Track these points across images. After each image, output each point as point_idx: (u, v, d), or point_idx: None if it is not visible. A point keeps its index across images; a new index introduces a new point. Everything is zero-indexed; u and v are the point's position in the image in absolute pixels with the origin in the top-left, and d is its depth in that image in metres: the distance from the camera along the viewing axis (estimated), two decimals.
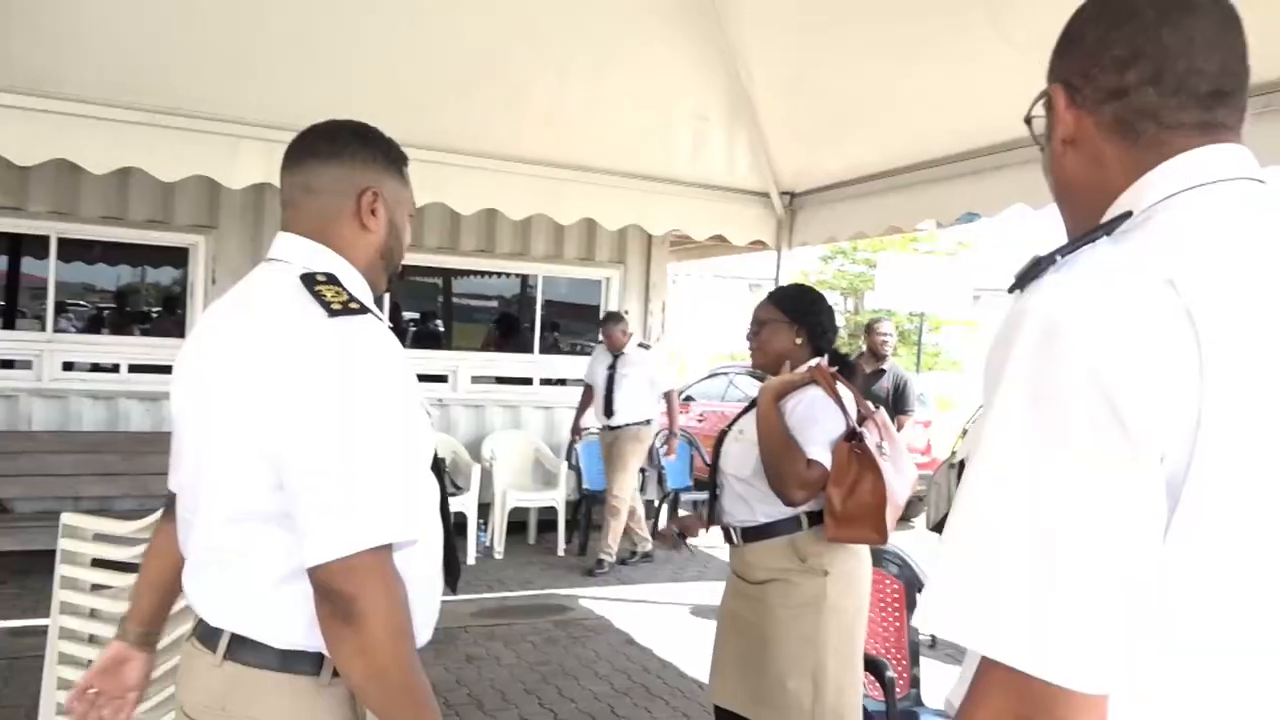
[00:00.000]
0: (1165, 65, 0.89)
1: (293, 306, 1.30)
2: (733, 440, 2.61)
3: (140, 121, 3.77)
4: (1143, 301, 0.78)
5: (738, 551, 2.61)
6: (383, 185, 1.45)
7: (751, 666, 2.50)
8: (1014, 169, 3.65)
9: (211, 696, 1.33)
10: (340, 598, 1.21)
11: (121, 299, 7.36)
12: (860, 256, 19.67)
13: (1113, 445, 0.74)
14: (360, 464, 1.23)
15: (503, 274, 7.77)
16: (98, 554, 2.67)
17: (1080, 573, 0.74)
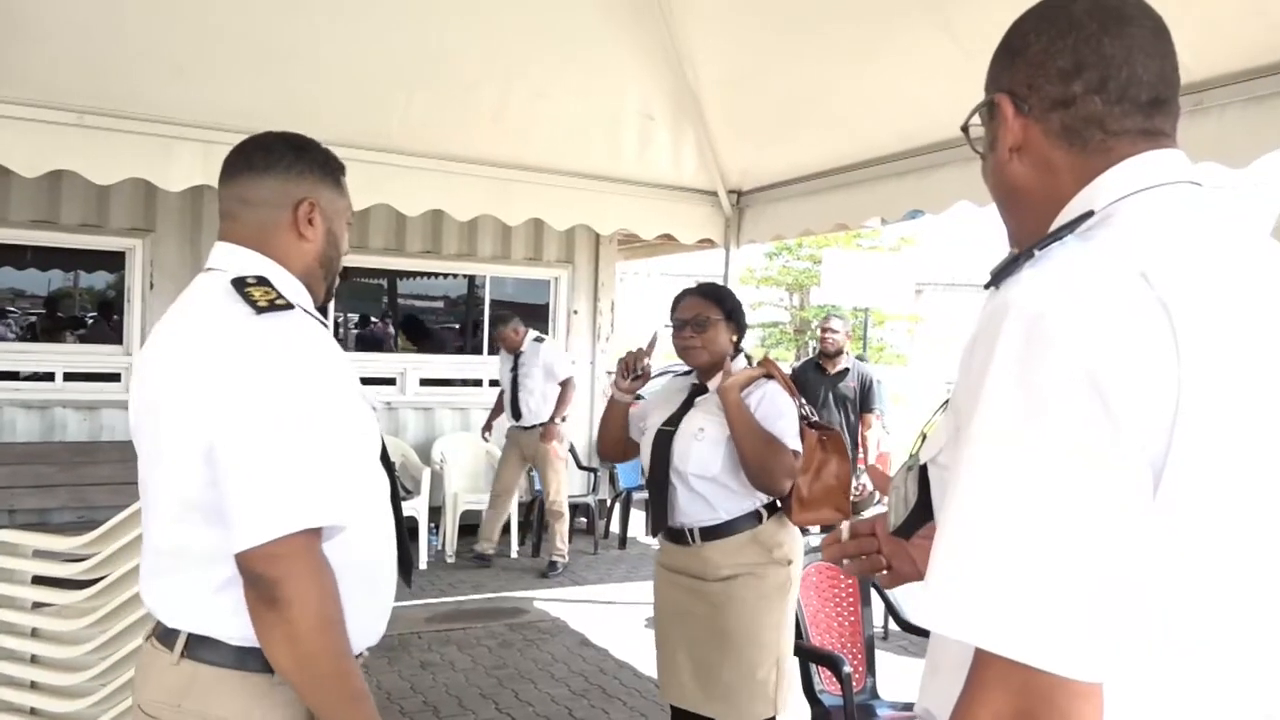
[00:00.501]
0: (1109, 74, 0.93)
1: (223, 308, 1.35)
2: (690, 440, 2.59)
3: (71, 123, 3.65)
4: (1120, 294, 0.80)
5: (693, 551, 2.59)
6: (319, 195, 1.50)
7: (715, 664, 2.51)
8: (958, 166, 3.71)
9: (168, 694, 1.35)
10: (264, 583, 1.24)
11: (53, 305, 7.15)
12: (804, 253, 19.81)
13: (1102, 437, 0.76)
14: (282, 451, 1.27)
15: (450, 275, 7.69)
16: (39, 571, 2.59)
17: (1075, 565, 0.76)
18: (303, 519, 1.26)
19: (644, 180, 4.86)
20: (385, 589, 1.52)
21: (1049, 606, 0.76)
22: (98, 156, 3.74)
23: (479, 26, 3.77)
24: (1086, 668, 0.76)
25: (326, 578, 1.28)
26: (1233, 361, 0.81)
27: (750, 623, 2.51)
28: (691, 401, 2.69)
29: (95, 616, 2.39)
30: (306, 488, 1.27)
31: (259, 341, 1.31)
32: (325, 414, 1.32)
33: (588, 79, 4.15)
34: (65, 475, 5.57)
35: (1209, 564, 0.81)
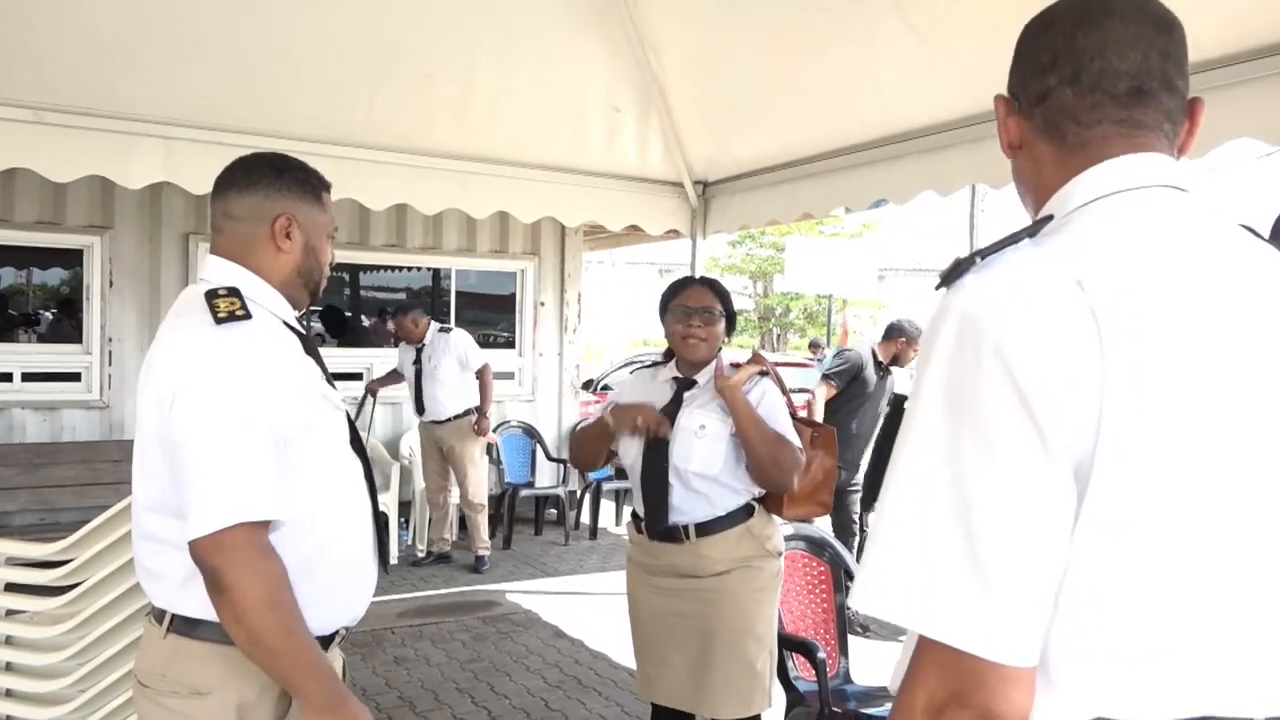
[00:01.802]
0: (1081, 66, 0.95)
1: (192, 317, 1.49)
2: (692, 438, 2.51)
3: (25, 120, 3.57)
4: (1051, 300, 0.83)
5: (686, 548, 2.54)
6: (297, 211, 1.63)
7: (711, 661, 2.48)
8: (921, 156, 3.76)
9: (155, 664, 1.52)
10: (209, 571, 1.39)
11: (4, 302, 6.99)
12: (768, 240, 19.94)
13: (1023, 435, 0.80)
14: (224, 452, 1.40)
15: (414, 268, 7.64)
16: (11, 579, 2.55)
17: (1002, 557, 0.80)
18: (239, 513, 1.39)
19: (610, 172, 4.86)
20: (361, 569, 1.65)
21: (975, 594, 0.80)
22: (55, 154, 3.67)
23: (442, 19, 3.75)
24: (1013, 653, 0.80)
25: (268, 564, 1.41)
26: (1162, 369, 0.83)
27: (746, 616, 2.50)
28: (680, 397, 2.62)
29: (72, 623, 2.37)
30: (245, 485, 1.40)
31: (213, 350, 1.45)
32: (272, 416, 1.45)
33: (552, 71, 4.15)
34: (25, 478, 5.48)
35: (1147, 560, 0.84)
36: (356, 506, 1.64)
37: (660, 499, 2.55)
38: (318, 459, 1.55)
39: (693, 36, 4.01)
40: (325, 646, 1.58)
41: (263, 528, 1.42)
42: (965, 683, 0.81)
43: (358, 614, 1.67)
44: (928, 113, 3.64)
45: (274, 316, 1.59)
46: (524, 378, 7.58)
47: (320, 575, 1.54)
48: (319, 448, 1.55)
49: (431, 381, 6.11)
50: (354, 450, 1.66)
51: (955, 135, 3.55)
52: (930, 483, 0.83)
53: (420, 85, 4.05)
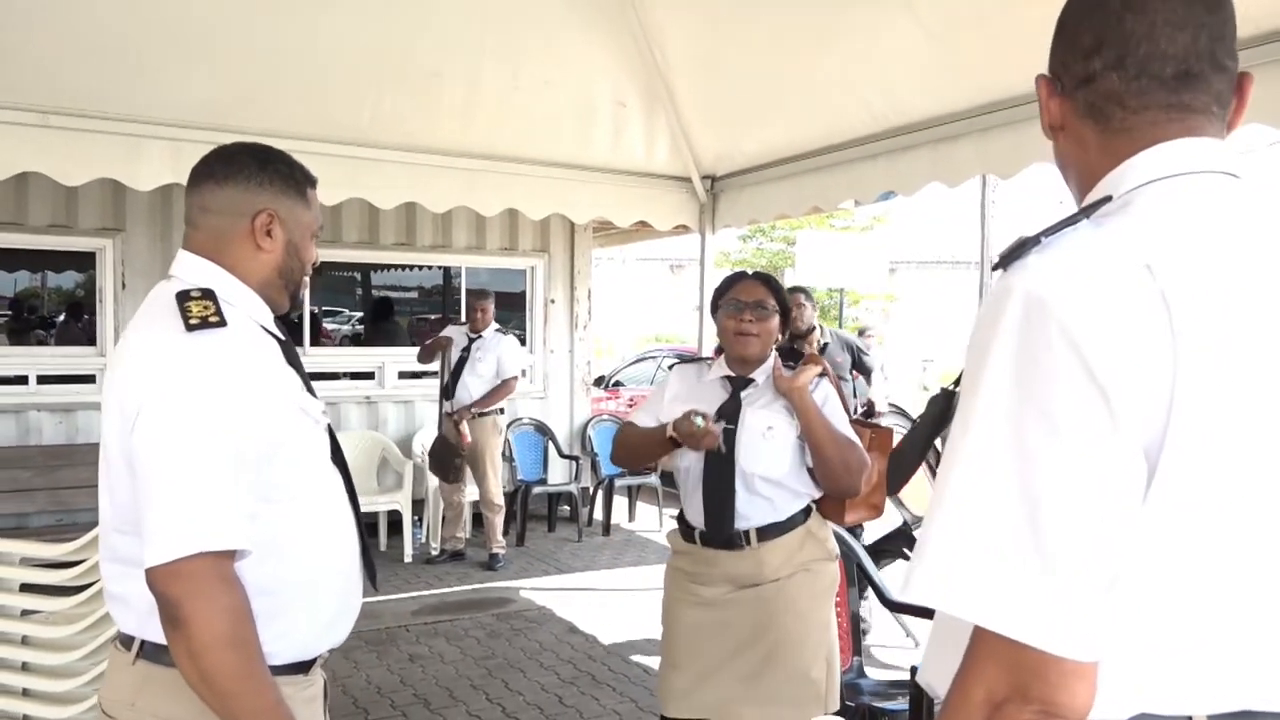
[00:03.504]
0: (1127, 51, 0.93)
1: (161, 321, 1.38)
2: (759, 439, 2.41)
3: (37, 124, 3.61)
4: (1122, 283, 0.81)
5: (748, 555, 2.42)
6: (279, 206, 1.50)
7: (765, 669, 2.40)
8: (929, 148, 3.75)
9: (123, 693, 1.41)
10: (165, 601, 1.27)
11: (19, 306, 7.06)
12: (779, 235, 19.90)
13: (1094, 417, 0.78)
14: (187, 475, 1.29)
15: (425, 266, 7.66)
16: (26, 579, 2.58)
17: (1068, 543, 0.78)
18: (201, 542, 1.27)
19: (618, 168, 4.87)
20: (346, 589, 1.55)
21: (1039, 583, 0.78)
22: (65, 158, 3.70)
23: (448, 19, 3.77)
24: (1077, 646, 0.78)
25: (230, 598, 1.30)
26: (1232, 356, 0.81)
27: (804, 624, 2.41)
28: (737, 396, 2.50)
29: (85, 623, 2.40)
30: (209, 511, 1.29)
31: (182, 361, 1.34)
32: (244, 435, 1.34)
33: (558, 68, 4.16)
34: (42, 479, 5.52)
35: (1204, 549, 0.83)
36: (339, 523, 1.54)
37: (725, 505, 2.43)
38: (295, 476, 1.44)
39: (698, 31, 4.00)
40: (307, 670, 1.51)
41: (227, 557, 1.31)
42: (1026, 677, 0.79)
43: (343, 635, 1.56)
44: (934, 104, 3.63)
45: (251, 321, 1.48)
46: (535, 375, 7.59)
47: (305, 598, 1.45)
48: (297, 464, 1.45)
49: (470, 374, 6.11)
50: (335, 464, 1.56)
51: (962, 126, 3.54)
52: (994, 468, 0.81)
53: (427, 84, 4.07)
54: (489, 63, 4.04)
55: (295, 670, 1.47)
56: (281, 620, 1.40)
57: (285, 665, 1.43)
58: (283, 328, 1.58)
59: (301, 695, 1.48)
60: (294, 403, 1.47)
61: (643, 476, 7.48)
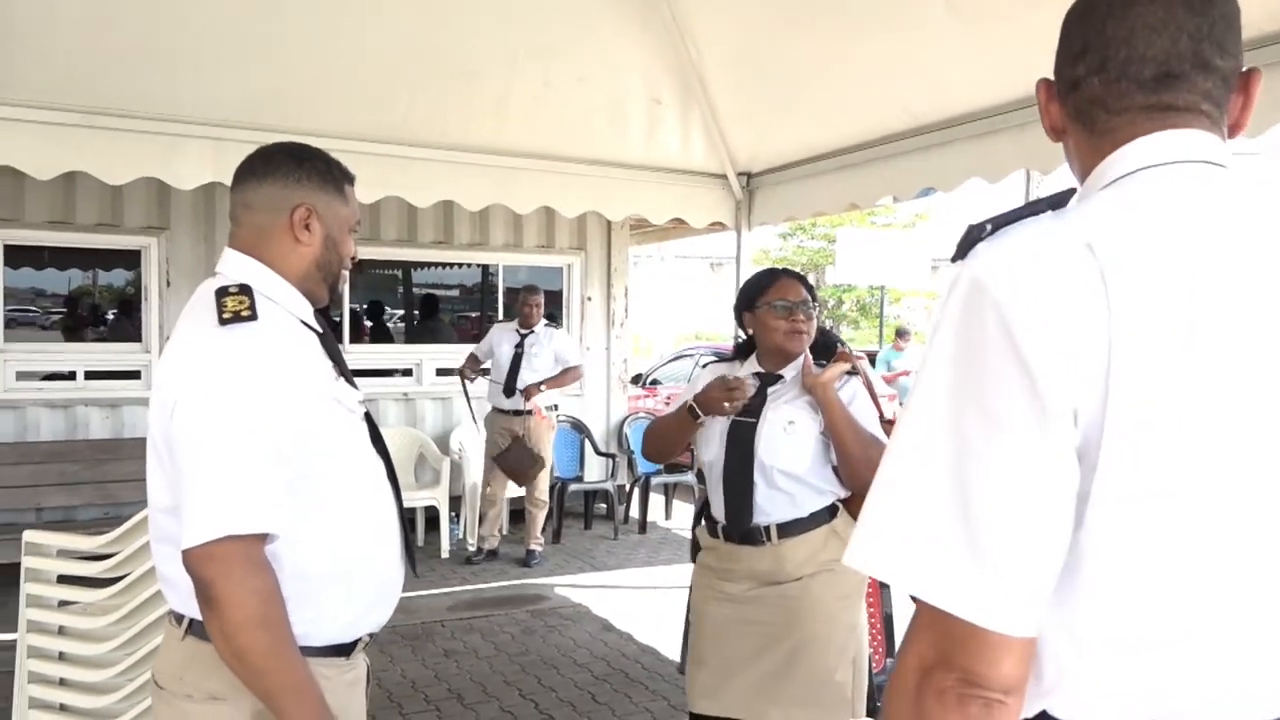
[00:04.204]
0: (1107, 55, 0.94)
1: (200, 316, 1.45)
2: (779, 433, 2.41)
3: (80, 124, 3.67)
4: (1059, 262, 0.82)
5: (768, 551, 2.42)
6: (316, 202, 1.57)
7: (788, 670, 2.38)
8: (967, 143, 3.68)
9: (172, 666, 1.49)
10: (200, 582, 1.35)
11: (73, 304, 7.21)
12: (819, 233, 19.77)
13: (1023, 409, 0.79)
14: (218, 461, 1.36)
15: (463, 264, 7.71)
16: (63, 570, 2.63)
17: (995, 534, 0.80)
18: (231, 525, 1.34)
19: (652, 165, 4.85)
20: (386, 574, 1.59)
21: (965, 556, 0.80)
22: (108, 157, 3.76)
23: (481, 17, 3.77)
24: (998, 619, 0.79)
25: (259, 580, 1.36)
26: (1182, 340, 0.80)
27: (827, 624, 2.39)
28: (764, 391, 2.50)
29: (119, 614, 2.44)
30: (239, 496, 1.35)
31: (215, 354, 1.41)
32: (275, 424, 1.39)
33: (592, 65, 4.15)
34: (90, 473, 5.65)
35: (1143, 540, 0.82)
36: (378, 510, 1.58)
37: (743, 497, 2.43)
38: (330, 464, 1.49)
39: (732, 27, 3.97)
40: (348, 653, 1.54)
41: (257, 541, 1.37)
42: (952, 645, 0.81)
43: (382, 619, 1.61)
44: (973, 98, 3.57)
45: (288, 314, 1.54)
46: None
47: (341, 583, 1.50)
48: (331, 452, 1.50)
49: (528, 369, 6.05)
50: (376, 451, 1.61)
51: (1002, 120, 3.48)
52: (931, 452, 0.83)
53: (462, 82, 4.08)
54: (523, 61, 4.05)
55: (335, 653, 1.51)
56: (318, 603, 1.45)
57: (324, 647, 1.48)
58: (323, 321, 1.63)
59: (342, 679, 1.52)
60: (327, 392, 1.52)
61: (679, 474, 7.47)
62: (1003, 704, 0.81)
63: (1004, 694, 0.81)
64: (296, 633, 1.41)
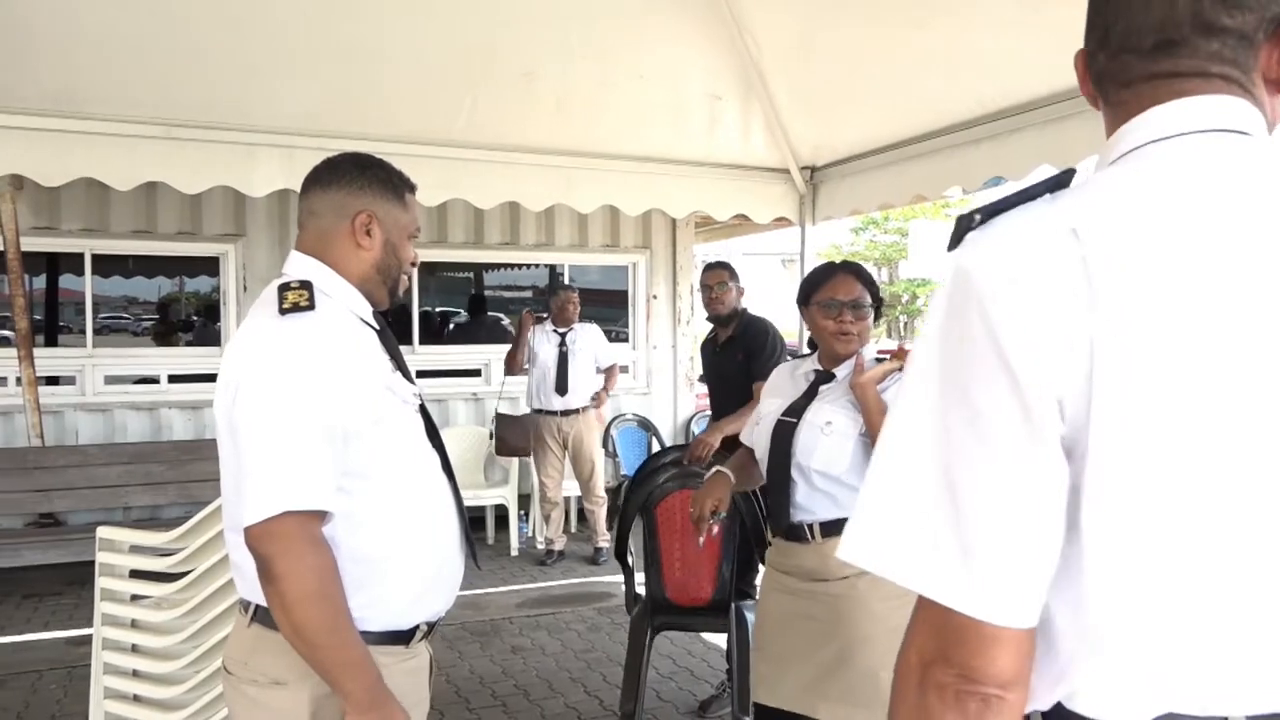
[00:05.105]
0: (1109, 28, 0.92)
1: (263, 309, 1.52)
2: (817, 434, 2.37)
3: (158, 135, 3.81)
4: (1039, 251, 0.80)
5: (813, 549, 2.40)
6: (377, 208, 1.64)
7: (836, 668, 2.36)
8: (1036, 129, 3.58)
9: (239, 652, 1.56)
10: (260, 559, 1.40)
11: (164, 310, 7.48)
12: (892, 226, 19.45)
13: (1004, 398, 0.78)
14: (277, 440, 1.41)
15: (530, 265, 7.77)
16: (135, 566, 2.73)
17: (980, 515, 0.78)
18: (289, 501, 1.39)
19: (714, 161, 4.83)
20: (443, 564, 1.63)
21: (953, 547, 0.79)
22: (185, 167, 3.90)
23: (538, 17, 3.80)
24: (993, 610, 0.78)
25: (317, 557, 1.41)
26: (1161, 320, 0.77)
27: (877, 626, 2.33)
28: (814, 390, 2.47)
29: (187, 607, 2.53)
30: (296, 475, 1.41)
31: (273, 340, 1.48)
32: (330, 408, 1.45)
33: (650, 62, 4.15)
34: (173, 473, 5.85)
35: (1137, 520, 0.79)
36: (434, 500, 1.63)
37: (782, 495, 2.43)
38: (384, 452, 1.54)
39: (791, 19, 3.93)
40: (407, 641, 1.58)
41: (314, 518, 1.42)
42: (949, 638, 0.80)
43: (440, 609, 1.64)
44: (1041, 84, 3.46)
45: (347, 310, 1.60)
46: (638, 371, 7.61)
47: (396, 568, 1.54)
48: (385, 441, 1.54)
49: (574, 367, 6.04)
50: (432, 443, 1.65)
51: (1072, 106, 3.36)
52: (920, 445, 0.82)
53: (521, 83, 4.11)
54: (580, 60, 4.06)
55: (393, 640, 1.56)
56: (372, 588, 1.50)
57: (381, 633, 1.52)
58: (381, 320, 1.69)
59: (401, 666, 1.56)
60: (381, 382, 1.57)
61: None
62: (1001, 699, 0.80)
63: (1001, 689, 0.80)
64: (354, 617, 1.45)
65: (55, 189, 4.81)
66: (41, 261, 6.29)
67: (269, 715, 1.51)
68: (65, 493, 5.64)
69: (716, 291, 4.38)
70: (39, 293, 6.42)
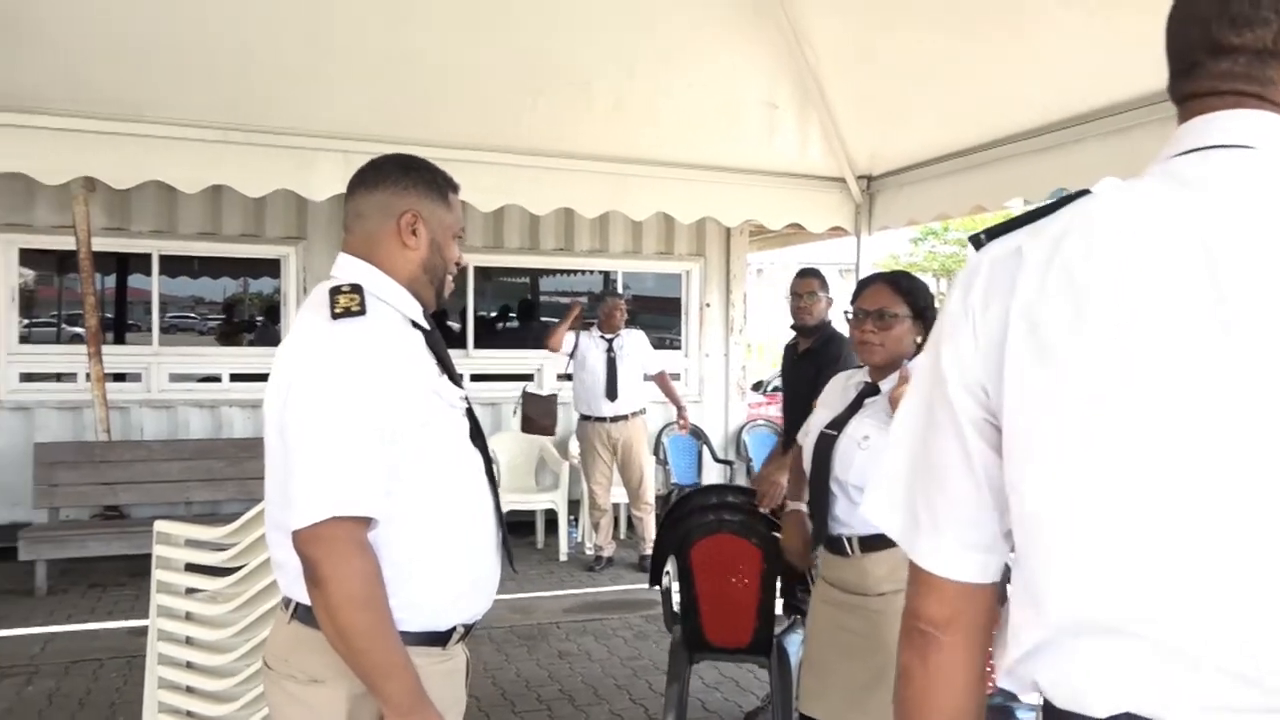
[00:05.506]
0: (1166, 56, 0.98)
1: (314, 313, 1.52)
2: (854, 448, 2.35)
3: (222, 140, 3.91)
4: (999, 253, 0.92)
5: (852, 563, 2.39)
6: (422, 208, 1.64)
7: (871, 684, 2.33)
8: (1101, 139, 3.51)
9: (279, 649, 1.58)
10: (307, 562, 1.41)
11: (229, 310, 7.65)
12: (952, 237, 19.16)
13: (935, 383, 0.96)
14: (327, 445, 1.42)
15: (584, 271, 7.80)
16: (190, 559, 2.79)
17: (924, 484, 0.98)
18: (337, 507, 1.40)
19: (769, 170, 4.81)
20: (480, 567, 1.63)
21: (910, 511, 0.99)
22: (248, 171, 4.00)
23: (596, 26, 3.83)
24: (930, 561, 0.96)
25: (363, 562, 1.42)
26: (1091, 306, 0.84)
27: None
28: (859, 403, 2.44)
29: (239, 601, 2.58)
30: (345, 480, 1.42)
31: (325, 345, 1.48)
32: (380, 413, 1.45)
33: (707, 70, 4.15)
34: (233, 469, 5.98)
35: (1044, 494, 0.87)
36: (474, 502, 1.63)
37: (821, 508, 2.42)
38: (428, 455, 1.54)
39: (849, 27, 3.90)
40: (444, 643, 1.58)
41: (361, 524, 1.43)
42: (911, 587, 0.99)
43: (477, 611, 1.64)
44: (1107, 92, 3.39)
45: (397, 313, 1.59)
46: (690, 379, 7.59)
47: (435, 570, 1.54)
48: (430, 444, 1.54)
49: (623, 372, 6.03)
50: (475, 446, 1.65)
51: (1138, 115, 3.29)
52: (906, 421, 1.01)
53: (578, 91, 4.14)
54: (637, 68, 4.08)
55: (430, 641, 1.56)
56: (409, 589, 1.49)
57: (417, 634, 1.52)
58: (432, 322, 1.69)
59: (438, 668, 1.57)
60: (429, 387, 1.57)
61: None
62: (936, 638, 0.95)
63: (936, 628, 0.95)
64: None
65: (125, 191, 4.97)
66: (112, 261, 6.48)
67: (306, 712, 1.53)
68: (129, 486, 5.80)
69: (805, 301, 4.18)
70: (109, 291, 6.62)
